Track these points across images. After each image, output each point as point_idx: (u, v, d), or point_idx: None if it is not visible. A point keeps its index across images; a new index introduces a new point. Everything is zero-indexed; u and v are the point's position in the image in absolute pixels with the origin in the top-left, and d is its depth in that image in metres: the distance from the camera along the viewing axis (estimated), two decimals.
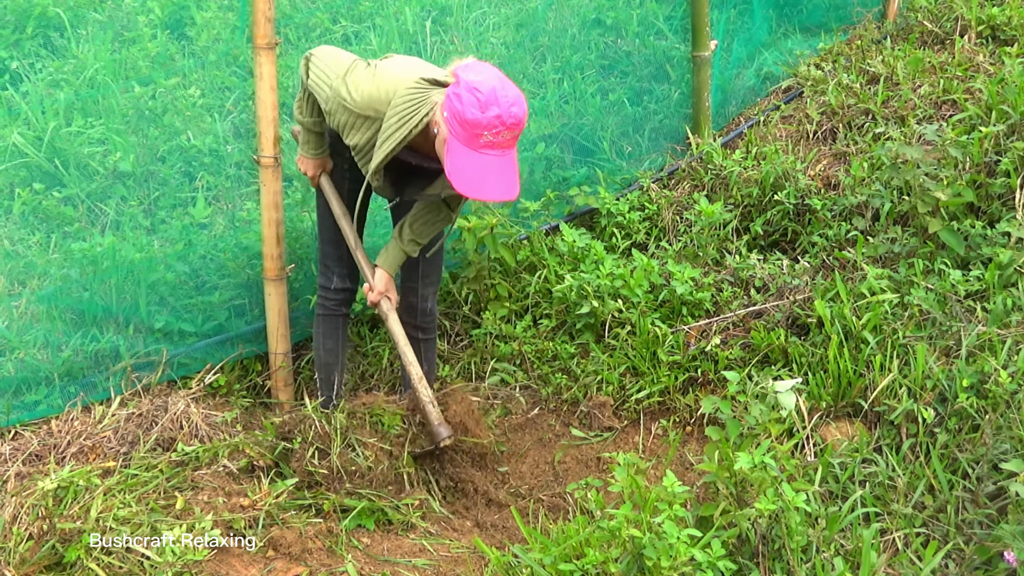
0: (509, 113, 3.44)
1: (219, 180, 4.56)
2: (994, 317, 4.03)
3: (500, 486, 4.28)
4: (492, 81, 3.47)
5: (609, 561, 3.11)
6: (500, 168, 3.50)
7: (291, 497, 3.83)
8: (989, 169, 4.84)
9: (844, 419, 4.03)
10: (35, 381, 4.20)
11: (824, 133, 5.79)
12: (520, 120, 3.48)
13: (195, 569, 3.37)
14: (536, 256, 5.10)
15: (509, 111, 3.44)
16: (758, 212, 5.33)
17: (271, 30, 4.13)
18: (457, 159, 3.49)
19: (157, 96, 4.47)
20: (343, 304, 4.41)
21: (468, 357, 4.88)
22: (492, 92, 3.43)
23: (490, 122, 3.42)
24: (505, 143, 3.48)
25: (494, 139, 3.45)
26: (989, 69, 5.76)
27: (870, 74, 6.04)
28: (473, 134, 3.45)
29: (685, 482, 3.95)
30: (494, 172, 3.49)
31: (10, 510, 3.58)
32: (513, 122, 3.45)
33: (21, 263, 4.19)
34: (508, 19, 5.36)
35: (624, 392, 4.55)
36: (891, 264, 4.62)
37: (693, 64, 5.81)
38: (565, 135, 5.52)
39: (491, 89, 3.44)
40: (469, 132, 3.45)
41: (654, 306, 4.77)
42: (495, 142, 3.46)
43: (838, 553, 3.23)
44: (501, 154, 3.49)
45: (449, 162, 3.51)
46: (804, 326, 4.47)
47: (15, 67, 4.38)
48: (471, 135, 3.45)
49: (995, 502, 3.36)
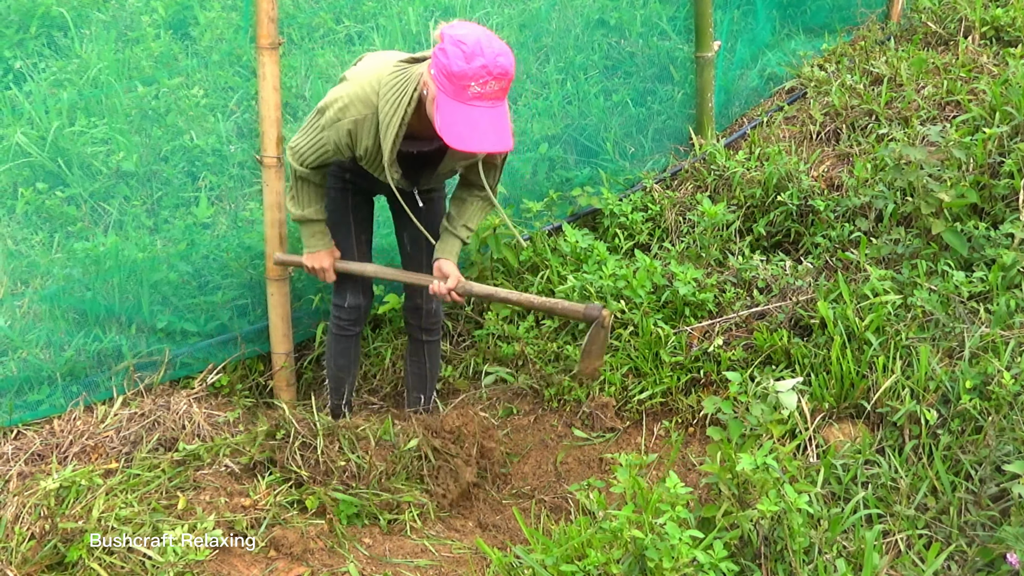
0: (495, 63, 3.42)
1: (222, 180, 4.57)
2: (997, 319, 4.02)
3: (503, 487, 4.28)
4: (477, 33, 3.46)
5: (611, 562, 3.11)
6: (491, 120, 3.48)
7: (282, 495, 3.83)
8: (993, 170, 4.83)
9: (847, 420, 4.02)
10: (38, 380, 4.20)
11: (827, 134, 5.78)
12: (507, 70, 3.45)
13: (197, 569, 3.37)
14: (539, 257, 5.10)
15: (495, 61, 3.42)
16: (761, 213, 5.33)
17: (274, 30, 4.13)
18: (447, 113, 3.48)
19: (160, 96, 4.48)
20: (356, 323, 4.38)
21: (470, 357, 4.88)
22: (477, 43, 3.42)
23: (476, 72, 3.40)
24: (494, 94, 3.46)
25: (482, 90, 3.43)
26: (993, 70, 5.75)
27: (874, 75, 6.03)
28: (460, 86, 3.43)
29: (687, 483, 3.95)
30: (485, 124, 3.47)
31: (12, 509, 3.59)
32: (500, 71, 3.43)
33: (24, 262, 4.19)
34: (511, 19, 5.36)
35: (626, 393, 4.55)
36: (894, 265, 4.62)
37: (696, 65, 5.80)
38: (568, 136, 5.51)
39: (476, 40, 3.43)
40: (456, 84, 3.44)
41: (657, 307, 4.77)
42: (483, 93, 3.44)
43: (840, 555, 3.22)
44: (491, 105, 3.47)
45: (439, 118, 3.50)
46: (807, 327, 4.47)
47: (19, 66, 4.39)
48: (459, 87, 3.44)
49: (998, 504, 3.35)
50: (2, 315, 4.15)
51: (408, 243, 4.32)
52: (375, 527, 3.85)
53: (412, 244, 4.30)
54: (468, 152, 3.65)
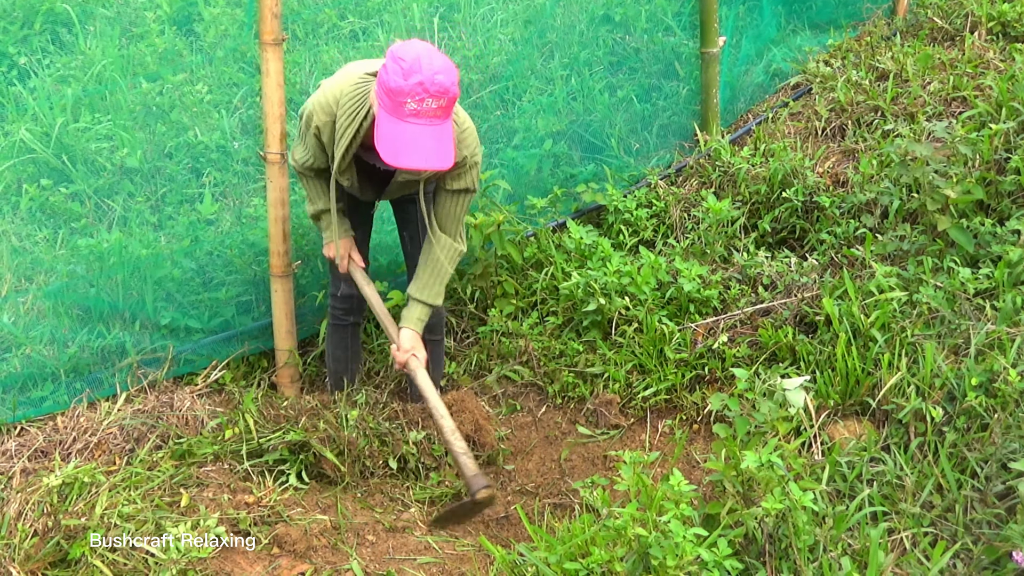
0: (433, 81, 3.40)
1: (226, 176, 4.56)
2: (1003, 315, 4.01)
3: (507, 484, 4.28)
4: (418, 50, 3.46)
5: (615, 560, 3.10)
6: (426, 137, 3.47)
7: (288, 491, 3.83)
8: (999, 166, 4.81)
9: (852, 417, 4.01)
10: (41, 377, 4.20)
11: (833, 130, 5.76)
12: (445, 88, 3.43)
13: (199, 566, 3.36)
14: (543, 253, 5.09)
15: (433, 79, 3.41)
16: (766, 209, 5.31)
17: (278, 26, 4.13)
18: (382, 128, 3.49)
19: (164, 92, 4.48)
20: (349, 313, 4.40)
21: (475, 354, 4.87)
22: (416, 60, 3.42)
23: (412, 88, 3.40)
24: (431, 112, 3.46)
25: (418, 107, 3.43)
26: (999, 66, 5.72)
27: (879, 71, 6.01)
28: (397, 102, 3.44)
29: (691, 480, 3.93)
30: (418, 140, 3.46)
31: (15, 506, 3.59)
32: (437, 90, 3.42)
33: (28, 259, 4.19)
34: (516, 15, 5.35)
35: (631, 390, 4.54)
36: (900, 262, 4.60)
37: (701, 61, 5.79)
38: (573, 132, 5.50)
39: (415, 57, 3.42)
40: (393, 100, 3.44)
41: (661, 303, 4.76)
42: (419, 110, 3.44)
43: (845, 552, 3.21)
44: (428, 123, 3.46)
45: (376, 132, 3.51)
46: (812, 324, 4.45)
47: (23, 63, 4.40)
48: (395, 103, 3.44)
49: (1004, 502, 3.34)
50: (6, 312, 4.15)
51: (408, 241, 4.37)
52: (378, 525, 3.85)
53: (411, 242, 4.34)
54: (400, 168, 3.65)
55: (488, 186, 4.99)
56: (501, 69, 5.26)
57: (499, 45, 5.29)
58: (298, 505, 3.78)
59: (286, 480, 3.95)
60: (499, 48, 5.28)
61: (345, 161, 3.80)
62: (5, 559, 3.39)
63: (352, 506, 3.91)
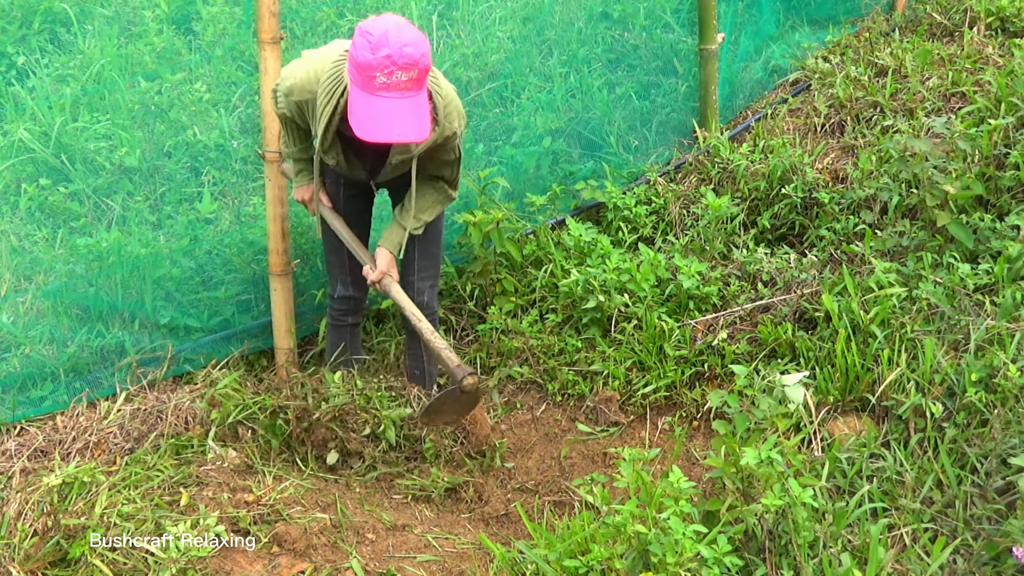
0: (401, 53, 3.40)
1: (225, 175, 4.56)
2: (1003, 311, 4.00)
3: (506, 481, 4.28)
4: (386, 24, 3.45)
5: (614, 557, 3.10)
6: (399, 110, 3.47)
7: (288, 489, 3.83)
8: (998, 162, 4.81)
9: (852, 414, 4.01)
10: (40, 377, 4.20)
11: (832, 126, 5.76)
12: (414, 60, 3.43)
13: (199, 565, 3.36)
14: (542, 250, 5.09)
15: (401, 51, 3.40)
16: (765, 206, 5.31)
17: (275, 24, 4.13)
18: (355, 104, 3.50)
19: (163, 91, 4.48)
20: (348, 313, 4.40)
21: (474, 352, 4.87)
22: (384, 34, 3.41)
23: (380, 62, 3.40)
24: (402, 85, 3.45)
25: (388, 80, 3.42)
26: (998, 61, 5.72)
27: (878, 67, 6.01)
28: (367, 76, 3.43)
29: (691, 477, 3.93)
30: (390, 114, 3.46)
31: (15, 506, 3.59)
32: (406, 62, 3.41)
33: (27, 259, 4.19)
34: (515, 13, 5.34)
35: (630, 387, 4.53)
36: (899, 258, 4.60)
37: (700, 57, 5.79)
38: (572, 129, 5.50)
39: (383, 32, 3.42)
40: (363, 75, 3.44)
41: (661, 300, 4.75)
42: (389, 83, 3.43)
43: (845, 549, 3.21)
44: (399, 96, 3.46)
45: (350, 109, 3.51)
46: (812, 320, 4.45)
47: (22, 63, 4.40)
48: (365, 78, 3.44)
49: (1004, 497, 3.34)
50: (5, 311, 4.15)
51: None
52: (378, 522, 3.85)
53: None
54: (373, 143, 3.63)
55: (487, 184, 4.99)
56: (500, 67, 5.26)
57: (498, 43, 5.29)
58: (298, 504, 3.78)
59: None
60: (498, 46, 5.28)
61: (327, 140, 3.80)
62: (5, 559, 3.39)
63: (352, 504, 3.91)
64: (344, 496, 3.94)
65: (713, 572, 2.98)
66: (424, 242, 4.20)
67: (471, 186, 5.00)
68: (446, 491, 4.13)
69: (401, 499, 4.07)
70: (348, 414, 4.12)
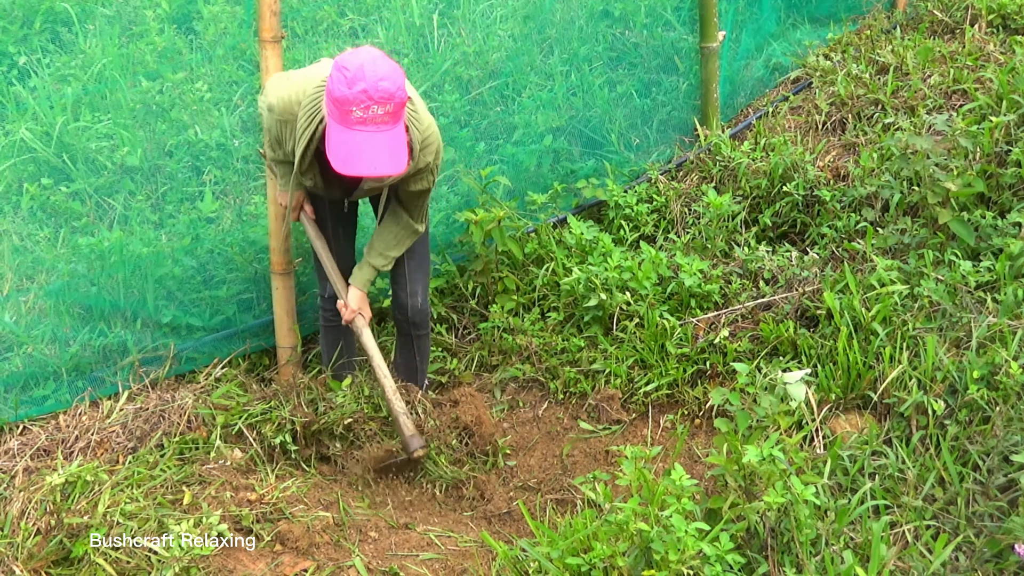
0: (376, 88, 3.43)
1: (226, 174, 4.56)
2: (1005, 308, 4.00)
3: (509, 479, 4.28)
4: (362, 58, 3.48)
5: (617, 555, 3.10)
6: (375, 144, 3.50)
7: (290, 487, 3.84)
8: (1000, 159, 4.81)
9: (854, 411, 4.01)
10: (43, 376, 4.20)
11: (833, 124, 5.76)
12: (390, 94, 3.46)
13: (202, 563, 3.37)
14: (544, 249, 5.09)
15: (376, 86, 3.43)
16: (767, 204, 5.31)
17: (277, 24, 4.13)
18: (332, 137, 3.54)
19: (164, 91, 4.47)
20: (337, 315, 4.40)
21: (475, 351, 4.87)
22: (360, 68, 3.44)
23: (357, 97, 3.43)
24: (378, 119, 3.48)
25: (364, 114, 3.46)
26: (999, 58, 5.72)
27: (880, 64, 6.01)
28: (344, 111, 3.47)
29: (693, 475, 3.93)
30: (367, 147, 3.50)
31: (18, 505, 3.59)
32: (381, 96, 3.44)
33: (29, 258, 4.19)
34: (515, 11, 5.34)
35: (632, 385, 4.54)
36: (901, 255, 4.60)
37: (701, 55, 5.78)
38: (573, 127, 5.50)
39: (359, 66, 3.45)
40: (340, 109, 3.48)
41: (662, 298, 4.75)
42: (366, 118, 3.47)
43: (847, 546, 3.21)
44: (376, 130, 3.49)
45: (327, 142, 3.56)
46: (813, 318, 4.45)
47: (23, 62, 4.39)
48: (342, 112, 3.48)
49: (1006, 494, 3.34)
50: (7, 311, 4.15)
51: None
52: (381, 520, 3.85)
53: None
54: (353, 176, 3.69)
55: (488, 182, 4.99)
56: (500, 65, 5.26)
57: (498, 41, 5.29)
58: (301, 502, 3.78)
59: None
60: (498, 44, 5.27)
61: (305, 163, 3.85)
62: (8, 557, 3.39)
63: (354, 503, 3.91)
64: (347, 494, 3.95)
65: (715, 570, 2.98)
66: (412, 246, 4.24)
67: (472, 184, 4.99)
68: (448, 489, 4.13)
69: (404, 497, 4.07)
70: (357, 422, 4.14)
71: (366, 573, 3.53)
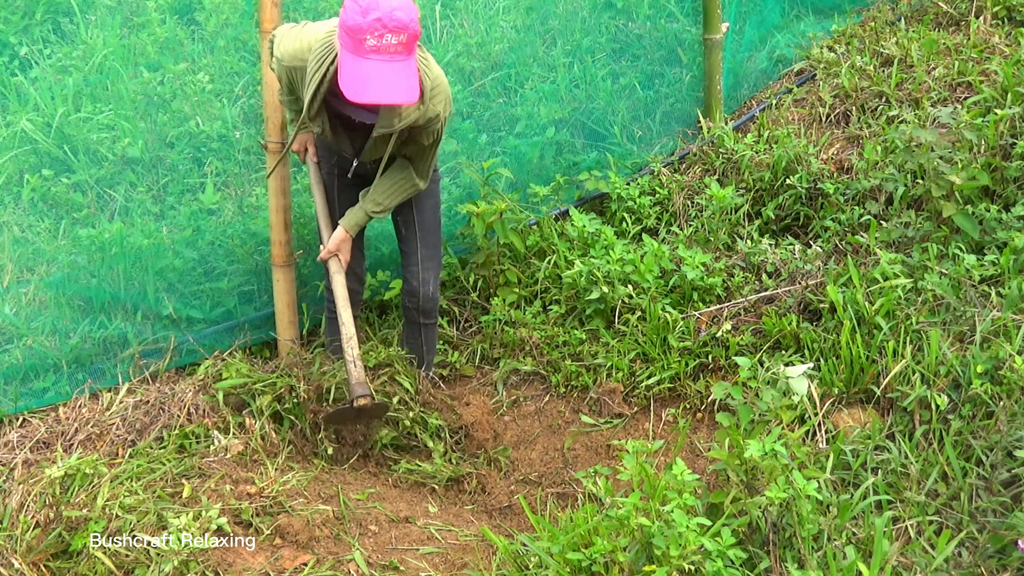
0: (391, 17, 3.42)
1: (228, 166, 4.55)
2: (1009, 302, 3.99)
3: (510, 473, 4.27)
4: None
5: (617, 550, 3.09)
6: (388, 73, 3.48)
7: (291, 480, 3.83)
8: (1004, 152, 4.78)
9: (856, 405, 3.99)
10: (43, 368, 4.20)
11: (837, 116, 5.73)
12: (404, 23, 3.45)
13: (201, 557, 3.36)
14: (546, 241, 5.07)
15: (391, 15, 3.43)
16: (770, 196, 5.29)
17: (277, 14, 4.11)
18: (344, 67, 3.51)
19: (166, 82, 4.46)
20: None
21: (477, 343, 4.86)
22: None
23: (371, 25, 3.42)
24: (391, 48, 3.47)
25: (378, 43, 3.44)
26: (1005, 51, 5.69)
27: (884, 56, 5.98)
28: (357, 40, 3.45)
29: (695, 470, 3.93)
30: (380, 76, 3.47)
31: (17, 498, 3.59)
32: (396, 25, 3.43)
33: (30, 249, 4.19)
34: (518, 2, 5.32)
35: (634, 378, 4.52)
36: (904, 249, 4.58)
37: (705, 47, 5.76)
38: (575, 119, 5.48)
39: None
40: (354, 39, 3.46)
41: (664, 292, 4.74)
42: (379, 46, 3.45)
43: (850, 541, 3.20)
44: (388, 59, 3.47)
45: (340, 72, 3.53)
46: (816, 311, 4.44)
47: (24, 53, 4.38)
48: (356, 41, 3.46)
49: (1009, 490, 3.33)
50: (7, 303, 4.15)
51: (401, 225, 4.35)
52: (381, 514, 3.85)
53: (405, 227, 4.33)
54: (362, 105, 3.66)
55: (491, 174, 4.97)
56: (503, 57, 5.24)
57: (501, 32, 5.27)
58: (300, 495, 3.77)
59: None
60: (501, 35, 5.26)
61: (314, 107, 3.81)
62: (7, 550, 3.39)
63: (354, 497, 3.90)
64: (347, 488, 3.94)
65: (717, 565, 2.97)
66: (424, 232, 4.25)
67: (475, 177, 4.98)
68: (449, 483, 4.13)
69: (404, 490, 4.07)
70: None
71: (366, 567, 3.52)
